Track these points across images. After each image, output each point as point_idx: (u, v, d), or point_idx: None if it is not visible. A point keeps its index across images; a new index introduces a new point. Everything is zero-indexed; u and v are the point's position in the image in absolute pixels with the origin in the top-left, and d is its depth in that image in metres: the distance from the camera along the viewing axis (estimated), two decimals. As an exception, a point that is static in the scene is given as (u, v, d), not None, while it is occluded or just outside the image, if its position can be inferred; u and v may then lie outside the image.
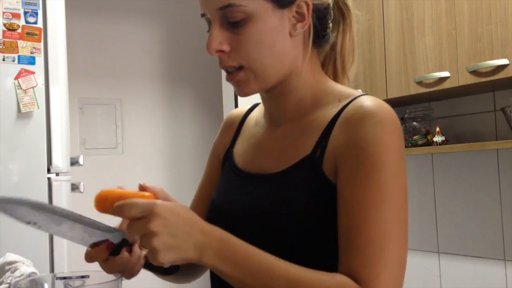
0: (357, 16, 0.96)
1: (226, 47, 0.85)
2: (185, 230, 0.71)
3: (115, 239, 0.77)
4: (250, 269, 0.73)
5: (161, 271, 0.87)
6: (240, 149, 1.00)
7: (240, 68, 0.86)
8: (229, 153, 1.01)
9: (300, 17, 0.87)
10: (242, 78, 0.87)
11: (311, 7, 0.87)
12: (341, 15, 0.94)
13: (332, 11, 0.92)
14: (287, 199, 0.83)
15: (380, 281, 0.73)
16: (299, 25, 0.87)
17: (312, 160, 0.84)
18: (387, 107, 0.83)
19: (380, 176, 0.77)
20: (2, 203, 0.72)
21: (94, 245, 0.77)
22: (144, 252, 0.82)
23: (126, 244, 0.79)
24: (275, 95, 0.92)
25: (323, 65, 0.96)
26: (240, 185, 0.92)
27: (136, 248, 0.82)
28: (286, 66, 0.88)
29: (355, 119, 0.82)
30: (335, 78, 0.97)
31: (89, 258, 0.78)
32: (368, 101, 0.83)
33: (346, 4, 0.94)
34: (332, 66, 0.96)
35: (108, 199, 0.75)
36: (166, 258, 0.70)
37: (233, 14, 0.83)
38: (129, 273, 0.83)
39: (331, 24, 0.93)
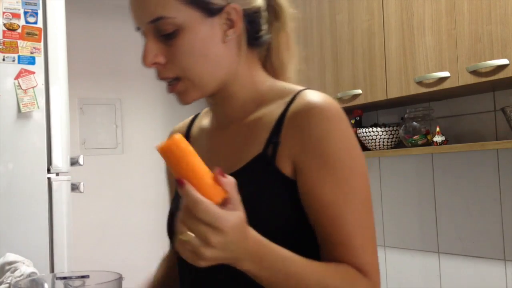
0: (293, 14, 0.98)
1: (161, 59, 0.88)
2: (238, 248, 0.71)
3: None
4: (287, 274, 0.77)
5: None
6: None
7: (178, 78, 0.89)
8: None
9: (231, 23, 0.89)
10: (182, 88, 0.90)
11: (241, 13, 0.89)
12: (274, 16, 0.96)
13: (264, 13, 0.94)
14: (244, 197, 0.84)
15: (371, 265, 0.83)
16: (230, 31, 0.89)
17: (264, 157, 0.87)
18: (332, 101, 0.87)
19: (344, 172, 0.83)
20: None
21: None
22: None
23: None
24: (219, 99, 0.95)
25: (264, 66, 0.99)
26: None
27: None
28: (222, 72, 0.90)
29: (304, 116, 0.85)
30: (276, 77, 0.99)
31: None
32: (313, 97, 0.87)
33: (279, 5, 0.97)
34: (270, 65, 0.99)
35: (179, 160, 0.69)
36: (204, 265, 0.70)
37: (164, 27, 0.86)
38: None
39: (265, 26, 0.95)
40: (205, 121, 1.06)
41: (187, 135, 1.08)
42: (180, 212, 0.68)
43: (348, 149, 0.85)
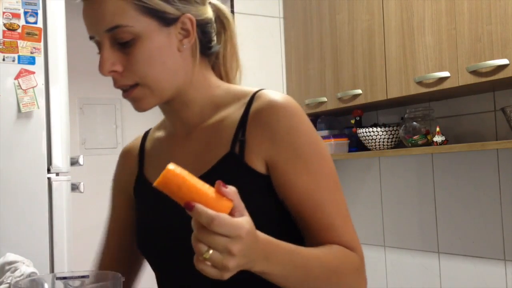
0: (236, 28, 1.04)
1: (118, 67, 0.90)
2: (254, 250, 0.73)
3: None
4: (295, 265, 0.80)
5: None
6: (152, 169, 1.04)
7: (135, 85, 0.91)
8: (139, 179, 1.05)
9: (186, 32, 0.92)
10: (139, 95, 0.92)
11: (194, 23, 0.92)
12: (222, 27, 1.02)
13: (214, 24, 0.99)
14: None
15: (355, 241, 0.90)
16: (185, 40, 0.92)
17: (233, 155, 0.90)
18: (290, 98, 0.93)
19: (315, 160, 0.90)
20: None
21: None
22: None
23: None
24: (175, 106, 0.98)
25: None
26: (162, 201, 0.84)
27: None
28: (179, 79, 0.93)
29: (269, 113, 0.90)
30: (228, 80, 1.04)
31: None
32: (274, 95, 0.92)
33: (226, 18, 1.01)
34: (217, 73, 1.03)
35: (180, 186, 0.70)
36: (228, 277, 0.71)
37: (121, 35, 0.87)
38: None
39: (215, 36, 1.01)
40: (159, 133, 1.08)
41: (141, 150, 1.09)
42: (195, 233, 0.69)
43: (314, 140, 0.91)
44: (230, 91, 0.99)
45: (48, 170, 2.13)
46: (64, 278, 0.86)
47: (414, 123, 2.33)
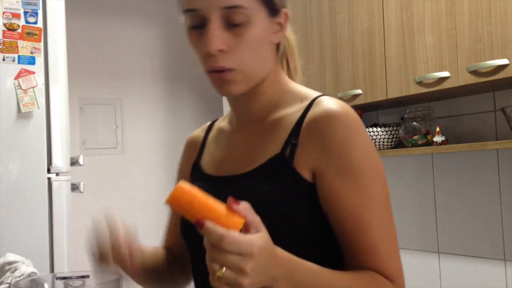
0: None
1: (225, 47, 0.86)
2: (269, 267, 0.71)
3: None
4: (317, 286, 0.77)
5: None
6: (207, 158, 1.04)
7: (231, 69, 0.88)
8: (195, 166, 1.05)
9: (280, 27, 0.92)
10: (232, 78, 0.89)
11: (288, 18, 0.93)
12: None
13: None
14: (259, 196, 0.84)
15: (396, 269, 0.85)
16: (279, 33, 0.93)
17: (282, 157, 0.88)
18: (349, 108, 0.90)
19: (366, 178, 0.84)
20: None
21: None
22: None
23: None
24: (247, 96, 0.95)
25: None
26: (207, 189, 0.88)
27: None
28: (267, 70, 0.93)
29: (324, 122, 0.86)
30: (291, 78, 1.02)
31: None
32: (332, 104, 0.89)
33: (285, 13, 1.01)
34: (286, 68, 1.02)
35: (191, 203, 0.70)
36: None
37: (236, 17, 0.85)
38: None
39: None
40: (222, 123, 1.08)
41: (204, 139, 1.08)
42: (208, 252, 0.69)
43: (368, 156, 0.86)
44: (294, 91, 0.98)
45: (48, 170, 2.13)
46: (64, 278, 0.86)
47: (414, 123, 2.33)
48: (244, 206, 0.71)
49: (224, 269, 0.67)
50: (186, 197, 0.70)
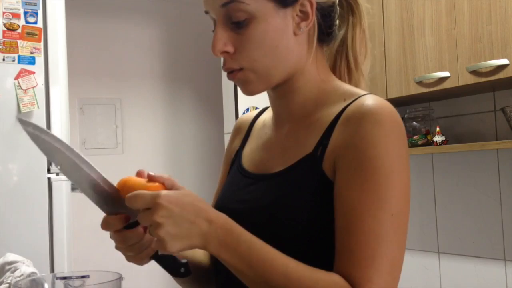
0: (367, 8, 0.96)
1: (230, 48, 0.85)
2: (189, 218, 0.73)
3: (133, 215, 0.77)
4: (251, 260, 0.74)
5: (173, 273, 0.85)
6: (248, 150, 1.01)
7: (240, 69, 0.86)
8: (238, 154, 1.03)
9: (304, 15, 0.87)
10: (243, 78, 0.87)
11: (314, 6, 0.87)
12: (350, 10, 0.94)
13: (337, 8, 0.92)
14: (286, 196, 0.83)
15: (372, 284, 0.74)
16: (303, 24, 0.86)
17: (313, 158, 0.84)
18: (388, 107, 0.82)
19: (377, 179, 0.76)
20: (36, 132, 0.74)
21: (112, 214, 0.79)
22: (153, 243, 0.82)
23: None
24: (281, 94, 0.92)
25: (335, 62, 0.97)
26: (243, 185, 0.92)
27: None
28: (290, 65, 0.88)
29: (355, 118, 0.81)
30: (349, 74, 0.97)
31: (105, 224, 0.78)
32: (369, 100, 0.82)
33: (355, 0, 0.94)
34: (345, 61, 0.96)
35: (124, 188, 0.77)
36: (173, 247, 0.72)
37: (236, 13, 0.83)
38: (137, 251, 0.80)
39: (337, 21, 0.93)
40: (267, 115, 1.04)
41: (251, 126, 1.06)
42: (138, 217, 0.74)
43: (390, 159, 0.77)
44: (338, 89, 0.91)
45: (48, 170, 2.13)
46: (64, 278, 0.86)
47: (414, 123, 2.33)
48: (165, 175, 0.75)
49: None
50: (121, 190, 0.78)
